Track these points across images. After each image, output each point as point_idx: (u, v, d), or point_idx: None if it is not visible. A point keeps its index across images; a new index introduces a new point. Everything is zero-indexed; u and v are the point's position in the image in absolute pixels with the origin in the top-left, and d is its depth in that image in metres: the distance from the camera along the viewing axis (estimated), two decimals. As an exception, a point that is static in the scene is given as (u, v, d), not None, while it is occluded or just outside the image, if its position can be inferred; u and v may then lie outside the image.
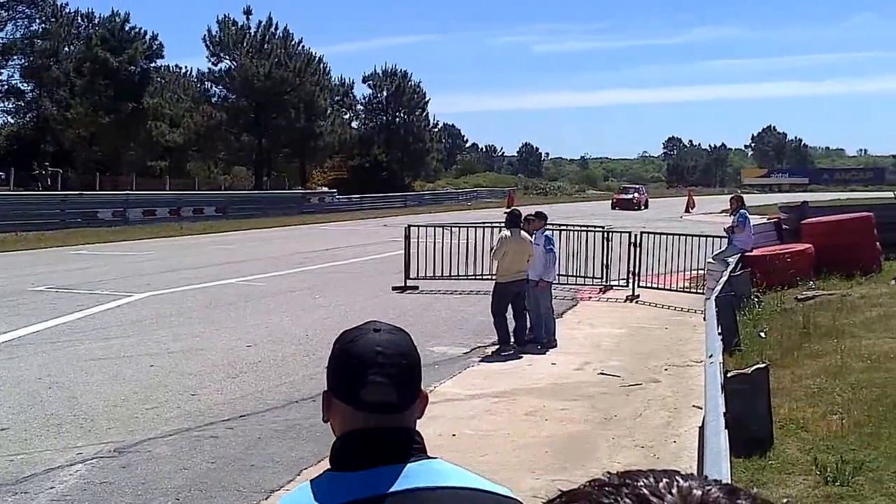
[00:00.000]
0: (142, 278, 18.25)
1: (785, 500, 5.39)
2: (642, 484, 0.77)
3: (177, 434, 7.56)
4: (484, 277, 15.80)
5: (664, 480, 0.78)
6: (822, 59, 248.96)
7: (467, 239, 17.45)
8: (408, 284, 16.68)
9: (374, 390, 1.53)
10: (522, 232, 11.57)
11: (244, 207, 45.10)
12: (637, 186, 68.39)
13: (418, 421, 1.64)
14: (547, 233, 12.43)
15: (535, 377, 9.89)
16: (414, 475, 1.51)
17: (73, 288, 16.70)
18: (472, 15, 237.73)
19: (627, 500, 0.76)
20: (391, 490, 1.48)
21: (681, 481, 0.78)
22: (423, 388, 1.65)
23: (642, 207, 55.79)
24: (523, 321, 11.55)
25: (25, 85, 55.43)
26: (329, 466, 1.58)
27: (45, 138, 52.19)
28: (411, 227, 17.53)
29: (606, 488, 0.78)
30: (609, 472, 0.83)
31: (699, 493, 0.77)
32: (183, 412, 8.25)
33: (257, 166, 61.65)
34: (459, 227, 18.62)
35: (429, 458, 1.56)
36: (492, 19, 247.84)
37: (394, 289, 16.63)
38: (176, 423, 7.89)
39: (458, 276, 16.99)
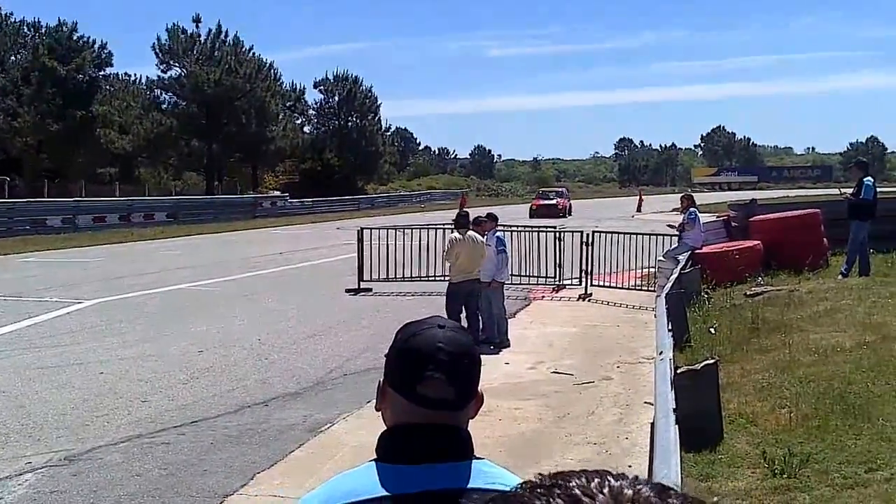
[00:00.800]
0: (91, 285, 18.01)
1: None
2: (574, 484, 0.77)
3: (128, 441, 7.46)
4: (437, 279, 15.83)
5: (596, 480, 0.78)
6: (769, 61, 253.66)
7: (420, 241, 17.49)
8: (361, 287, 16.67)
9: (432, 386, 1.53)
10: (474, 233, 11.62)
11: (195, 213, 44.64)
12: (560, 190, 59.40)
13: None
14: (498, 234, 12.50)
15: (488, 377, 9.85)
16: (465, 474, 1.51)
17: (22, 295, 16.42)
18: (422, 20, 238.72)
19: (559, 501, 0.75)
20: (443, 487, 1.48)
21: (612, 481, 0.78)
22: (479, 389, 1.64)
23: (566, 214, 46.58)
24: (476, 322, 11.60)
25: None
26: (375, 457, 1.57)
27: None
28: (364, 230, 17.53)
29: (538, 490, 0.78)
30: (541, 474, 0.83)
31: (630, 492, 0.77)
32: (134, 419, 8.15)
33: (208, 172, 61.14)
34: (412, 228, 18.65)
35: (477, 458, 1.56)
36: (442, 24, 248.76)
37: (347, 291, 16.59)
38: (127, 429, 7.79)
39: (412, 277, 16.99)
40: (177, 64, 60.11)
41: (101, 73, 56.68)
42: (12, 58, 53.77)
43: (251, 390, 9.26)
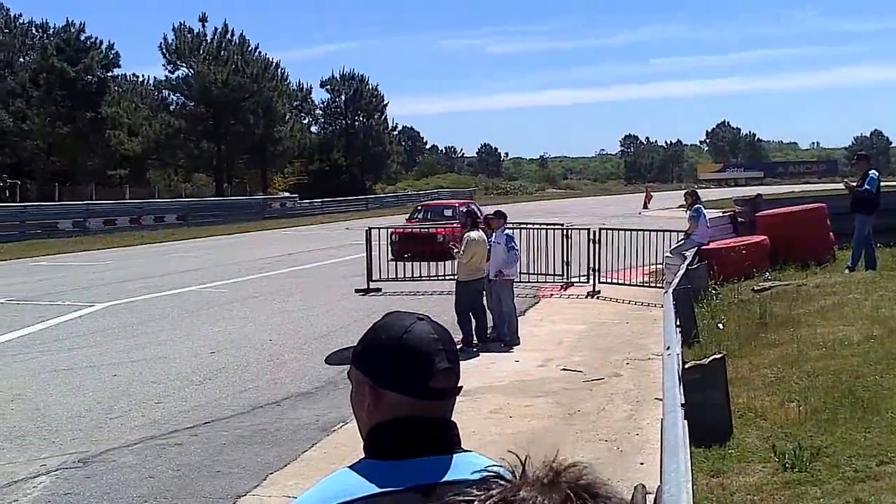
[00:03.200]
0: (103, 288, 18.14)
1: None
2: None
3: (141, 443, 7.53)
4: (445, 278, 15.89)
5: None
6: (774, 55, 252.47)
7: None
8: (370, 286, 16.72)
9: (442, 377, 1.53)
10: (480, 232, 11.74)
11: (205, 214, 44.81)
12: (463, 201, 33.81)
13: None
14: (507, 231, 12.55)
15: (498, 375, 9.97)
16: (461, 466, 1.50)
17: (34, 299, 16.57)
18: (426, 19, 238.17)
19: None
20: (443, 480, 1.47)
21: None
22: None
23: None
24: (483, 318, 11.66)
25: (-20, 97, 54.80)
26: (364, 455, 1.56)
27: (1, 150, 51.48)
28: (373, 230, 17.60)
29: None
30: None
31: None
32: (147, 420, 8.23)
33: (217, 173, 61.28)
34: (420, 228, 18.71)
35: (465, 450, 1.56)
36: (446, 22, 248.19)
37: (357, 291, 16.65)
38: (140, 431, 7.87)
39: (420, 277, 17.06)
40: (184, 64, 60.25)
41: (110, 74, 56.87)
42: (21, 59, 53.99)
43: (263, 391, 9.33)
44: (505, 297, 11.96)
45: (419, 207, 28.73)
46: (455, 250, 11.93)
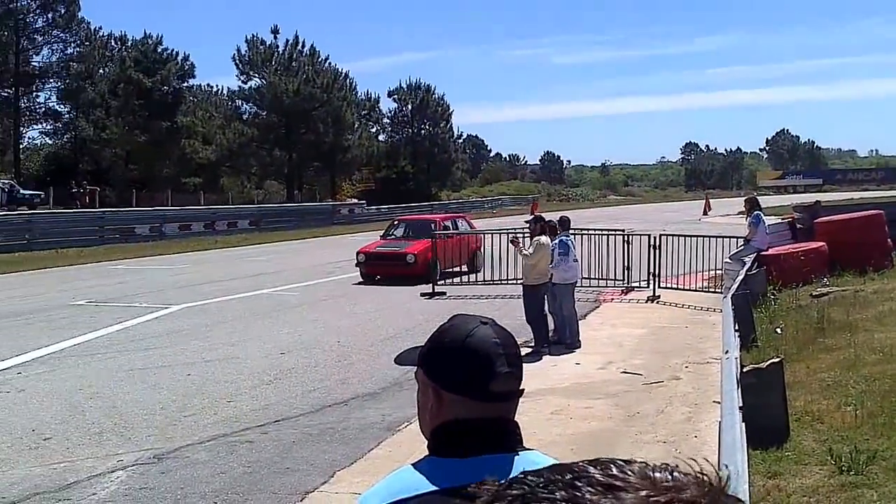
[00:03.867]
0: (178, 291, 18.68)
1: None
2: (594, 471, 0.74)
3: (213, 440, 7.78)
4: (509, 281, 16.03)
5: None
6: (833, 63, 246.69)
7: (492, 245, 17.70)
8: (435, 290, 16.95)
9: (503, 380, 1.55)
10: (548, 237, 11.95)
11: (276, 220, 45.64)
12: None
13: None
14: (563, 238, 12.71)
15: (559, 377, 10.08)
16: (523, 465, 1.49)
17: (112, 301, 17.13)
18: (491, 29, 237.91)
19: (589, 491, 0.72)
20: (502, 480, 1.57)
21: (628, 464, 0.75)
22: None
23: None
24: (547, 323, 11.82)
25: (62, 107, 56.81)
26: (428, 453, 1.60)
27: (82, 158, 53.23)
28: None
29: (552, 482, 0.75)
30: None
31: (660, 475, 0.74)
32: (219, 418, 8.50)
33: (288, 180, 62.35)
34: (484, 233, 18.88)
35: (528, 449, 1.59)
36: (511, 33, 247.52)
37: (422, 295, 16.88)
38: (213, 429, 8.13)
39: (484, 281, 17.24)
40: (256, 74, 61.57)
41: (185, 84, 58.36)
42: (101, 70, 55.65)
43: (331, 391, 9.57)
44: (566, 301, 12.09)
45: (396, 222, 23.26)
46: (523, 251, 12.10)
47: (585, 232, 17.61)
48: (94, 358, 11.61)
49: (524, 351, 11.24)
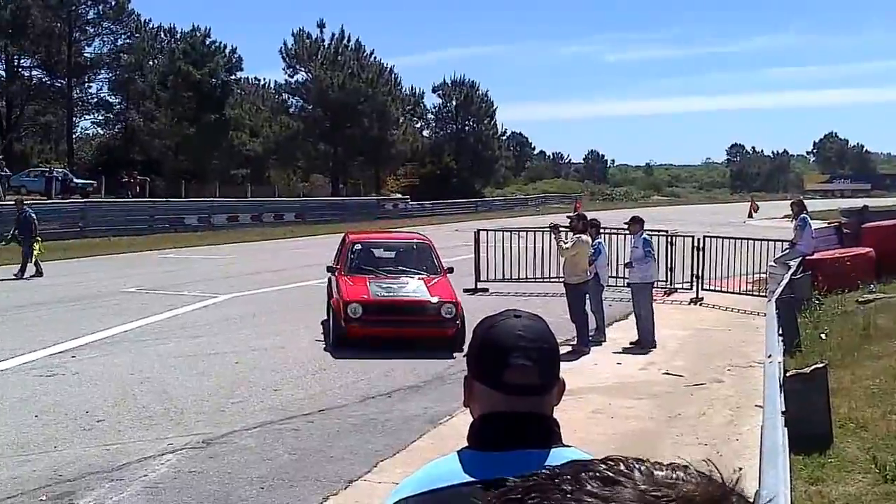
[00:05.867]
0: (226, 280, 19.02)
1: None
2: (604, 467, 0.77)
3: (260, 427, 7.96)
4: (551, 279, 16.07)
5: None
6: (882, 66, 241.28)
7: (535, 243, 17.75)
8: (478, 287, 17.04)
9: (517, 372, 1.55)
10: (588, 237, 12.03)
11: (322, 213, 46.02)
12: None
13: None
14: (645, 236, 12.81)
15: (601, 376, 10.13)
16: (556, 461, 1.57)
17: (162, 289, 17.50)
18: (539, 25, 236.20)
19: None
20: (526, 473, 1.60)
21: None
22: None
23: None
24: (588, 322, 11.90)
25: (113, 98, 57.73)
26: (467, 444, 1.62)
27: (132, 148, 54.04)
28: (481, 232, 17.94)
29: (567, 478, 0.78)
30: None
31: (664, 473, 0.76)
32: (266, 406, 8.70)
33: (333, 174, 62.76)
34: (528, 231, 18.92)
35: (565, 445, 1.58)
36: (558, 30, 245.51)
37: (465, 291, 16.93)
38: (260, 416, 8.32)
39: (527, 278, 17.30)
40: (302, 68, 62.05)
41: (233, 77, 58.94)
42: (150, 62, 56.46)
43: (375, 382, 9.72)
44: (644, 301, 12.22)
45: (356, 244, 14.00)
46: (561, 242, 12.18)
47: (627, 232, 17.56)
48: (144, 344, 11.89)
49: (565, 349, 11.35)
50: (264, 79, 68.37)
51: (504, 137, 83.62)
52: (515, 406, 1.56)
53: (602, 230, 13.90)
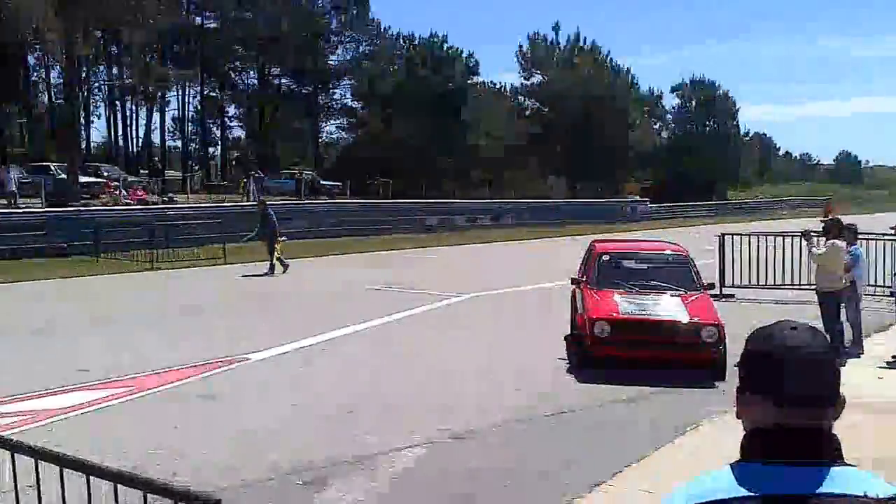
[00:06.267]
0: (467, 280, 19.51)
1: None
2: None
3: (504, 425, 8.03)
4: (801, 286, 15.24)
5: None
6: None
7: (783, 248, 16.88)
8: (723, 292, 16.40)
9: (795, 385, 1.53)
10: (843, 243, 11.42)
11: (560, 216, 46.15)
12: None
13: None
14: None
15: (859, 391, 9.32)
16: (840, 479, 1.48)
17: (406, 287, 18.23)
18: (780, 21, 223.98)
19: None
20: (819, 491, 1.47)
21: None
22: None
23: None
24: (842, 332, 11.26)
25: (355, 103, 60.75)
26: (739, 457, 1.60)
27: (374, 151, 56.65)
28: (725, 236, 17.32)
29: None
30: None
31: None
32: (511, 405, 8.73)
33: (570, 176, 62.81)
34: (775, 235, 18.04)
35: (847, 464, 1.53)
36: (803, 25, 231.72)
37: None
38: (502, 413, 8.38)
39: (775, 284, 16.52)
40: (538, 71, 62.51)
41: (470, 81, 60.33)
42: (390, 68, 58.90)
43: (618, 386, 9.48)
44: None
45: (605, 255, 12.45)
46: (813, 249, 11.70)
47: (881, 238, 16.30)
48: (391, 339, 12.41)
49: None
50: (500, 82, 69.73)
51: (747, 138, 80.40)
52: (792, 419, 1.53)
53: (859, 236, 12.98)
